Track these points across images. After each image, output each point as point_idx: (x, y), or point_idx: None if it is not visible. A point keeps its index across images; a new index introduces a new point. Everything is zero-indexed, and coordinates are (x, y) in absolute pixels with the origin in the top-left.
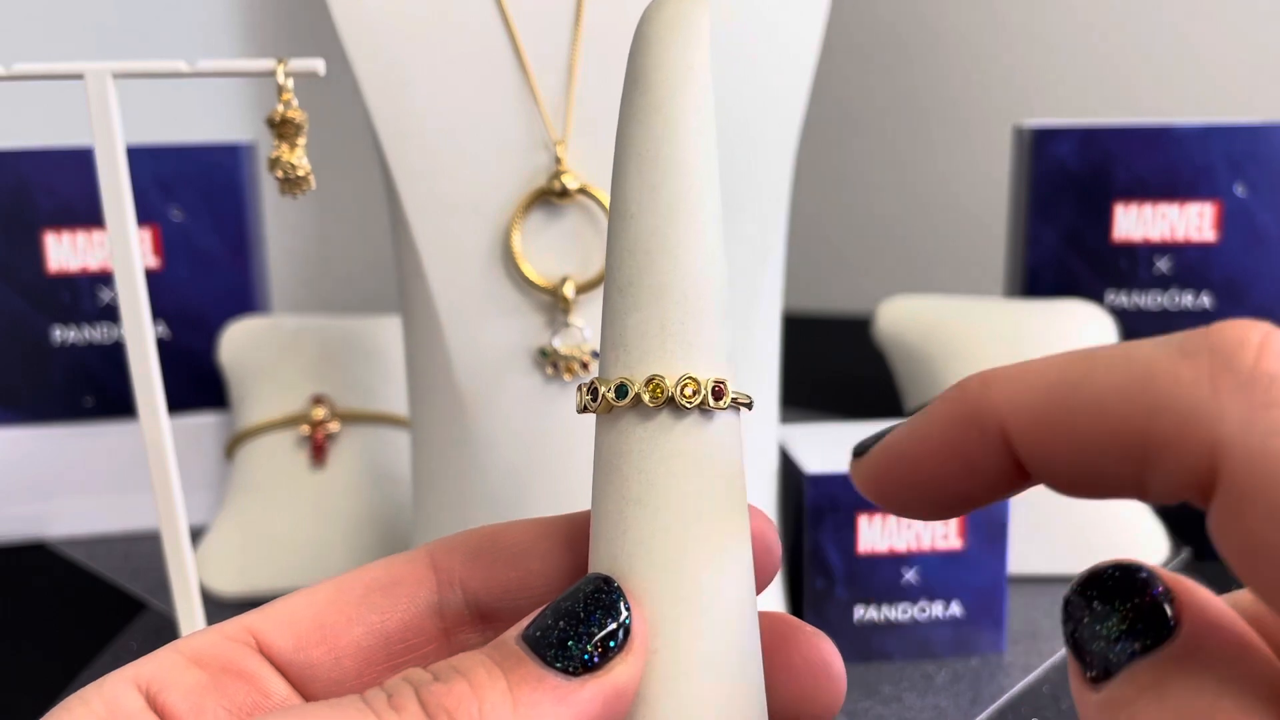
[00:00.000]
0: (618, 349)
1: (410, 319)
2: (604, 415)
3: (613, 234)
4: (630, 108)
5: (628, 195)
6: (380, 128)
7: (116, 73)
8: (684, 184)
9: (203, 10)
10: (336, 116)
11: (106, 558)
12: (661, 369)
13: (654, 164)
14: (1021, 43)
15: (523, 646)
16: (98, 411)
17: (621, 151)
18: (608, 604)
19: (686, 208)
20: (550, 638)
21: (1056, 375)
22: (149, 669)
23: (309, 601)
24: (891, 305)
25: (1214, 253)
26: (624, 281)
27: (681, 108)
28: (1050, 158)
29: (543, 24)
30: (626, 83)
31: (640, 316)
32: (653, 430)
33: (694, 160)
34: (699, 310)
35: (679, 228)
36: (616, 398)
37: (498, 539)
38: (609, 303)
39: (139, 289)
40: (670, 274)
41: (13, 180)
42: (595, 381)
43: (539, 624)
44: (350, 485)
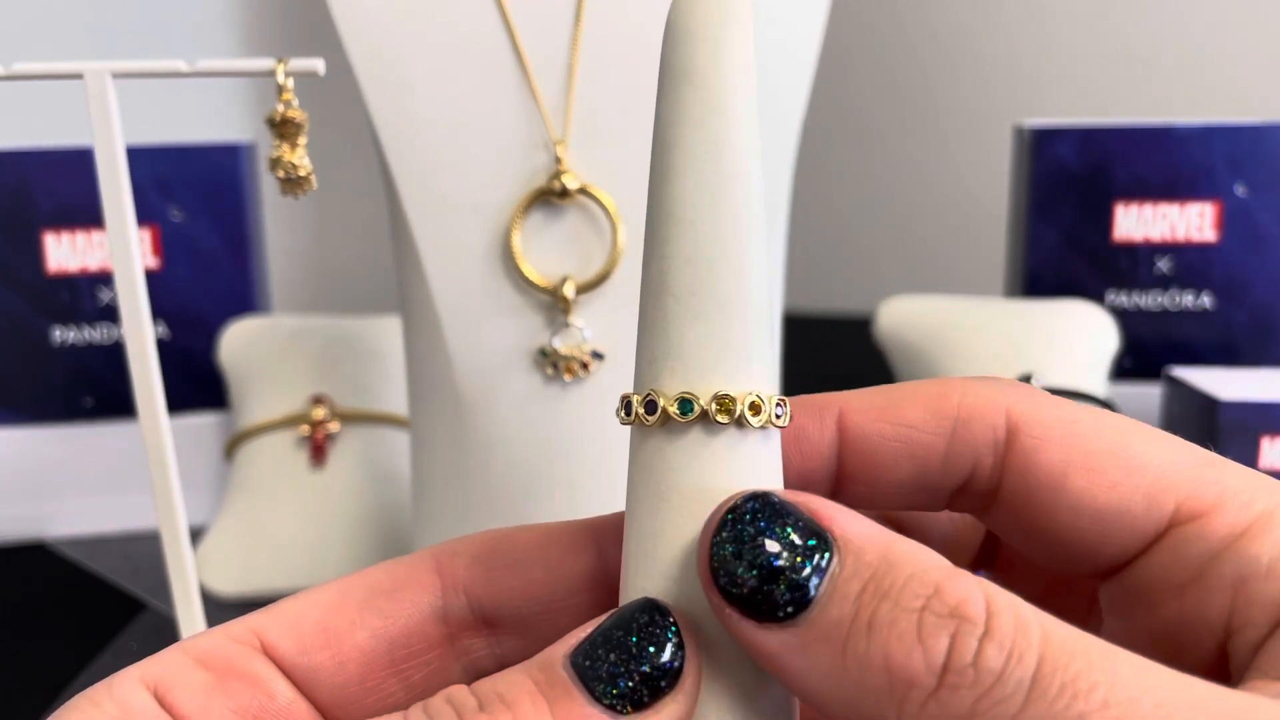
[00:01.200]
0: (673, 360)
1: (410, 319)
2: (653, 429)
3: (662, 238)
4: (680, 106)
5: (682, 199)
6: (380, 127)
7: (116, 72)
8: (746, 192)
9: (202, 10)
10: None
11: (106, 558)
12: (726, 385)
13: (715, 169)
14: (1022, 42)
15: (570, 675)
16: (97, 412)
17: (670, 153)
18: (661, 638)
19: (749, 218)
20: (600, 670)
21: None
22: (157, 669)
23: (313, 604)
24: (892, 305)
25: (1214, 253)
26: (682, 290)
27: (741, 111)
28: (1051, 157)
29: (543, 24)
30: (671, 78)
31: (702, 328)
32: (716, 448)
33: (752, 168)
34: (758, 325)
35: (741, 238)
36: (681, 413)
37: (503, 544)
38: (660, 309)
39: (139, 289)
40: (734, 286)
41: (12, 180)
42: (652, 393)
43: (588, 651)
44: (350, 485)
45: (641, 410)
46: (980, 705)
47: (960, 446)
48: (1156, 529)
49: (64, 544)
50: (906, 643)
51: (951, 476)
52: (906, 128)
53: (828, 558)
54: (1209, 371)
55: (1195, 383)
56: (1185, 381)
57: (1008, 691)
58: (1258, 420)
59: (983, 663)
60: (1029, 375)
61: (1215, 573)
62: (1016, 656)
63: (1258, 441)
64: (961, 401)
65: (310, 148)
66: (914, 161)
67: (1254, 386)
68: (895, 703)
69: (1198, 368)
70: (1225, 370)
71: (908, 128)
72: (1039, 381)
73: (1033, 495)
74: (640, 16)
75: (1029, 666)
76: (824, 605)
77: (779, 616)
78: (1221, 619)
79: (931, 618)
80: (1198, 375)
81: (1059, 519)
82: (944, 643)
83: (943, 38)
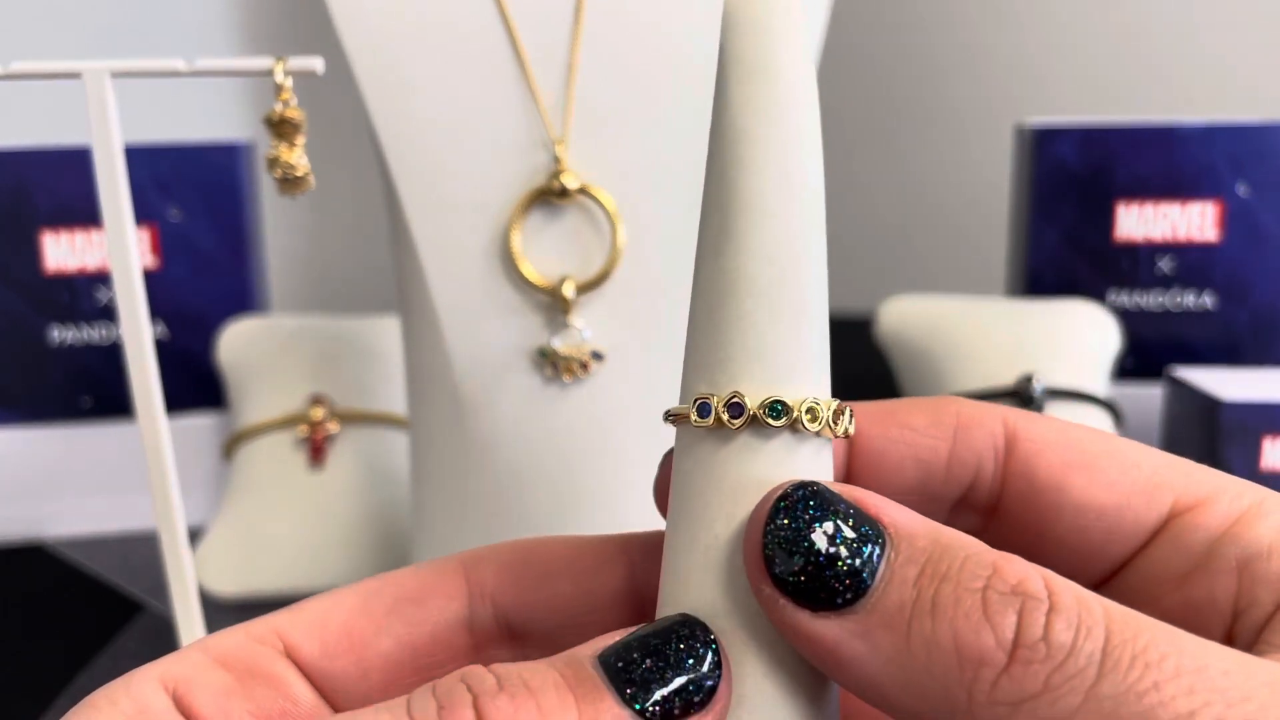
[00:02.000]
0: (755, 362)
1: (409, 319)
2: (734, 432)
3: (737, 232)
4: (754, 98)
5: (763, 192)
6: (379, 127)
7: (114, 72)
8: (819, 190)
9: (201, 9)
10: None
11: (104, 558)
12: (809, 390)
13: (797, 164)
14: (1023, 42)
15: (600, 673)
16: (96, 412)
17: (742, 143)
18: (701, 654)
19: (821, 216)
20: (633, 674)
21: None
22: (176, 668)
23: (338, 607)
24: (893, 305)
25: (1216, 252)
26: (764, 287)
27: (814, 106)
28: (1052, 157)
29: (542, 22)
30: (738, 68)
31: (784, 329)
32: (803, 455)
33: (820, 165)
34: (826, 329)
35: (818, 237)
36: (773, 417)
37: (533, 555)
38: (734, 306)
39: (137, 289)
40: (814, 287)
41: (10, 180)
42: (737, 395)
43: (621, 653)
44: (349, 486)
45: (724, 412)
46: (1054, 679)
47: (963, 451)
48: (1157, 521)
49: (62, 544)
50: (974, 621)
51: (955, 483)
52: (907, 127)
53: (881, 544)
54: (1211, 371)
55: (1197, 383)
56: (1187, 382)
57: (1080, 664)
58: (1259, 420)
59: (1053, 636)
60: (1030, 375)
61: (1218, 556)
62: (1085, 630)
63: (1259, 441)
64: (961, 410)
65: (309, 147)
66: (915, 161)
67: (1256, 386)
68: (965, 683)
69: (1199, 368)
70: (1227, 370)
71: (908, 127)
72: (1040, 381)
73: (1036, 498)
74: (641, 15)
75: (1098, 640)
76: (884, 590)
77: (837, 604)
78: (1228, 602)
79: (995, 596)
80: (1199, 375)
81: (1063, 519)
82: (1012, 619)
83: (943, 37)
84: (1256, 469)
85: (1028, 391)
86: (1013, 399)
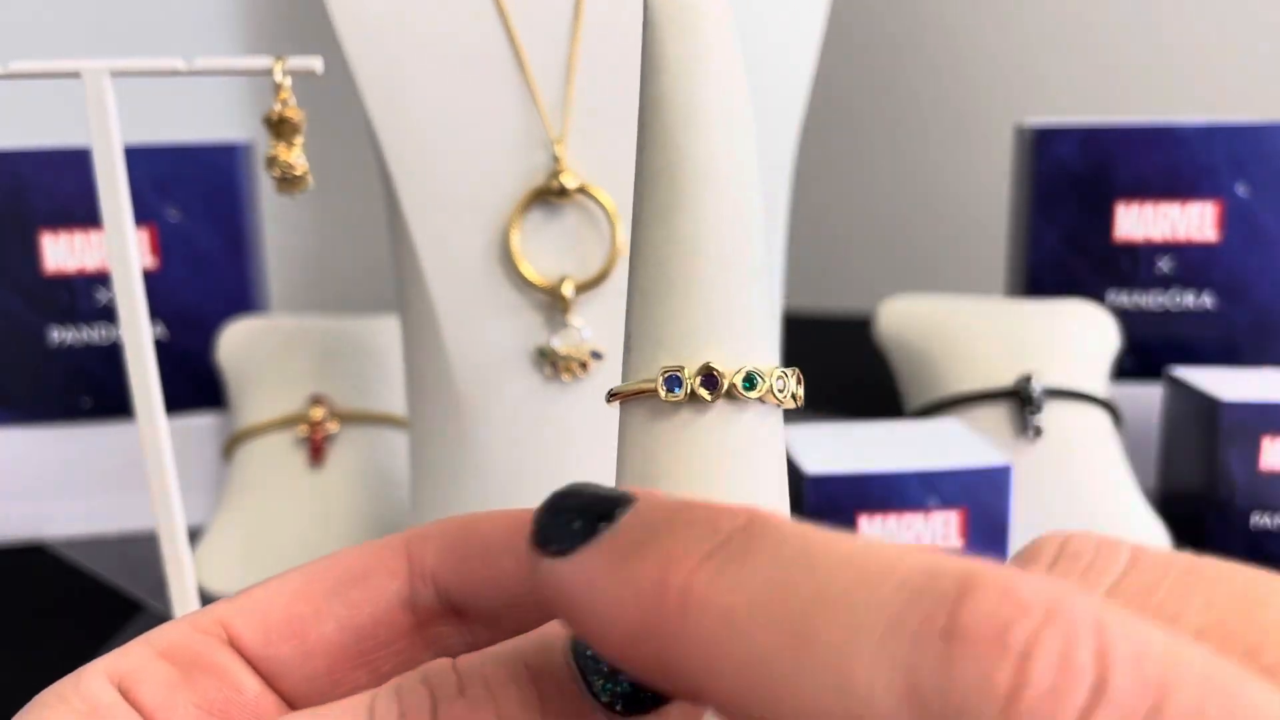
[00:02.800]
0: (720, 330)
1: (408, 319)
2: (705, 404)
3: (693, 197)
4: (700, 57)
5: (717, 155)
6: (378, 126)
7: (113, 71)
8: (753, 150)
9: (200, 9)
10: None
11: (104, 559)
12: (771, 358)
13: (742, 125)
14: (1022, 42)
15: (571, 665)
16: (95, 412)
17: (692, 107)
18: None
19: (757, 176)
20: (602, 663)
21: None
22: (122, 663)
23: (279, 593)
24: (892, 305)
25: (1216, 253)
26: (724, 253)
27: (741, 63)
28: (1051, 157)
29: (541, 22)
30: (679, 28)
31: (746, 295)
32: (772, 424)
33: (752, 124)
34: (774, 292)
35: (759, 199)
36: (747, 388)
37: (473, 531)
38: (692, 271)
39: (136, 289)
40: (761, 252)
41: (9, 180)
42: (709, 367)
43: None
44: (349, 486)
45: (698, 385)
46: None
47: None
48: None
49: (62, 545)
50: None
51: None
52: (907, 127)
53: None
54: (1210, 372)
55: (1196, 383)
56: (1186, 382)
57: None
58: (1259, 420)
59: None
60: (1029, 375)
61: None
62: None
63: (1259, 442)
64: None
65: (309, 147)
66: (914, 161)
67: (1255, 387)
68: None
69: (1199, 368)
70: (1226, 370)
71: (908, 127)
72: (1039, 382)
73: None
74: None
75: None
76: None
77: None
78: None
79: None
80: (1199, 375)
81: None
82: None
83: (943, 37)
84: (1256, 469)
85: (1027, 392)
86: (1012, 399)
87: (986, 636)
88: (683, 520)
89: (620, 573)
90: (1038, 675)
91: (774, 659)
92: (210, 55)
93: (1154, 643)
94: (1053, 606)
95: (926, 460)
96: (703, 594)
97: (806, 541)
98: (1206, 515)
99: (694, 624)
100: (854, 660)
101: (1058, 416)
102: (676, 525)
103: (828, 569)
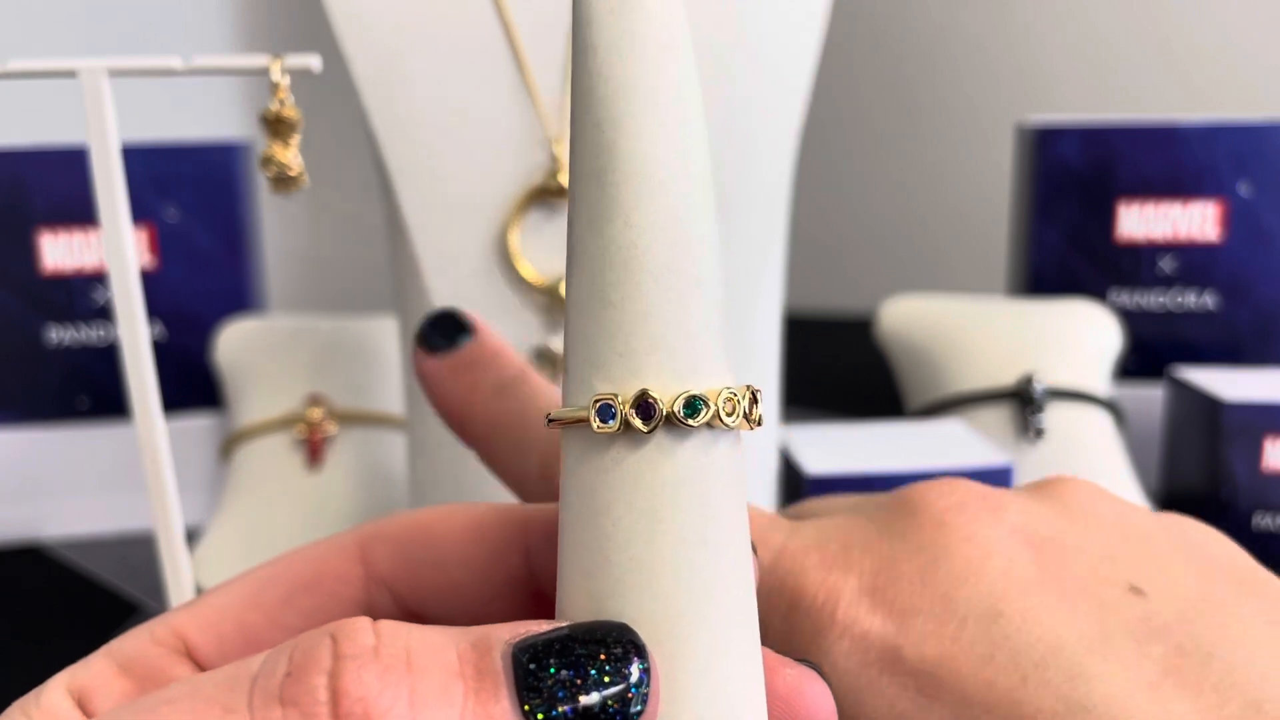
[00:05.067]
0: (661, 351)
1: (407, 319)
2: (641, 434)
3: (626, 202)
4: (636, 41)
5: (654, 155)
6: (376, 125)
7: (111, 70)
8: (703, 142)
9: (198, 8)
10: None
11: (101, 559)
12: (719, 380)
13: (683, 115)
14: (1024, 40)
15: (506, 671)
16: (92, 412)
17: (629, 97)
18: (625, 677)
19: (708, 174)
20: (541, 683)
21: None
22: (82, 675)
23: (231, 601)
24: (893, 305)
25: (1218, 252)
26: (661, 266)
27: (688, 46)
28: (1053, 156)
29: (540, 21)
30: (613, 11)
31: (687, 312)
32: (719, 453)
33: (701, 114)
34: (723, 301)
35: (710, 206)
36: (688, 415)
37: (425, 537)
38: (630, 287)
39: (134, 289)
40: (709, 259)
41: (7, 179)
42: (646, 394)
43: (539, 653)
44: (347, 487)
45: (632, 415)
46: None
47: None
48: None
49: (59, 545)
50: None
51: None
52: (908, 126)
53: None
54: (1212, 371)
55: (1199, 383)
56: (1188, 382)
57: None
58: (1261, 421)
59: None
60: (1031, 375)
61: None
62: None
63: (1261, 442)
64: None
65: (307, 146)
66: (916, 160)
67: (1258, 387)
68: None
69: (1201, 368)
70: (1229, 370)
71: (909, 126)
72: (1041, 382)
73: None
74: None
75: None
76: None
77: None
78: None
79: None
80: (1201, 375)
81: None
82: None
83: (944, 36)
84: (1258, 469)
85: (1028, 392)
86: (1014, 399)
87: None
88: (489, 357)
89: (452, 379)
90: None
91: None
92: (208, 54)
93: None
94: None
95: (928, 460)
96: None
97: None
98: (1208, 516)
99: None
100: None
101: (1059, 417)
102: (483, 361)
103: None
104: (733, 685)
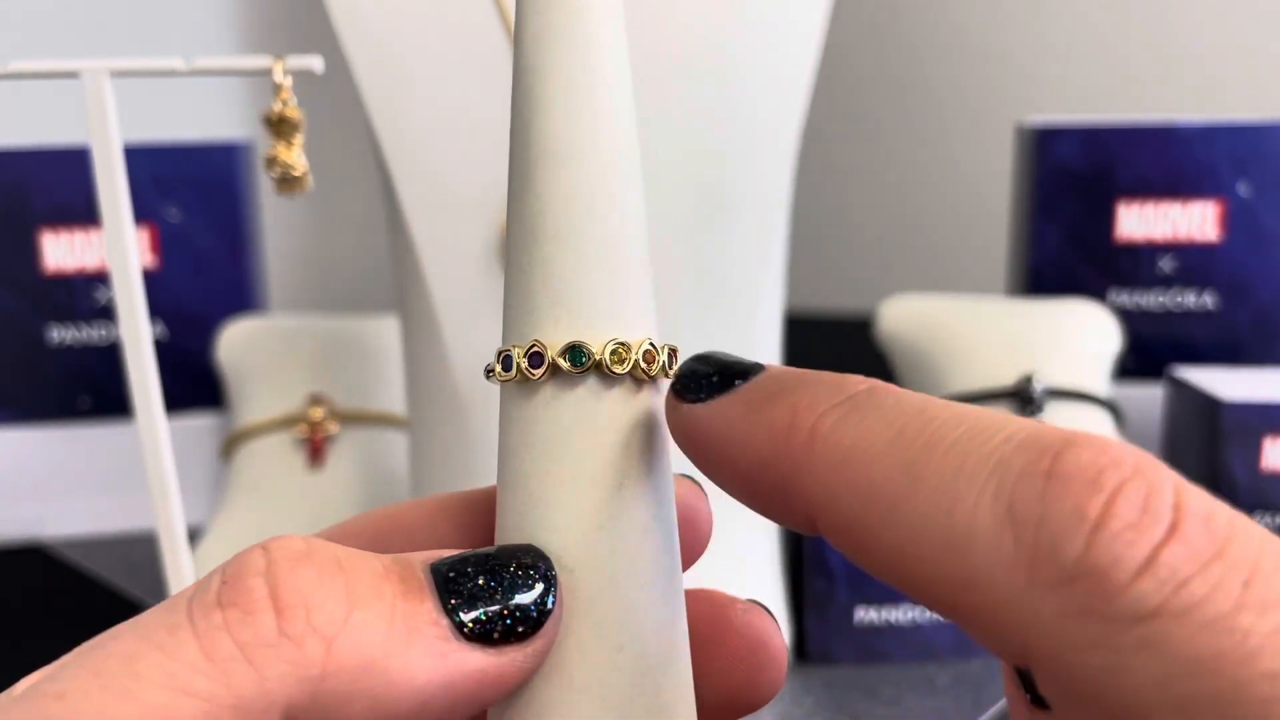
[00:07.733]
0: (558, 307)
1: (408, 319)
2: (538, 383)
3: (535, 175)
4: (547, 27)
5: (557, 132)
6: (378, 126)
7: (113, 71)
8: (625, 126)
9: (200, 8)
10: (334, 115)
11: (103, 559)
12: (618, 333)
13: (594, 97)
14: (1024, 41)
15: (428, 578)
16: (94, 412)
17: (538, 79)
18: (534, 584)
19: (630, 154)
20: (462, 587)
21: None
22: None
23: None
24: (893, 305)
25: (1218, 252)
26: (563, 230)
27: (612, 34)
28: (1053, 156)
29: None
30: (533, 2)
31: (588, 272)
32: (610, 401)
33: (628, 100)
34: (643, 271)
35: (623, 175)
36: (573, 364)
37: (398, 522)
38: (536, 251)
39: (136, 289)
40: (619, 226)
41: (9, 179)
42: (536, 344)
43: (455, 565)
44: (348, 486)
45: (525, 363)
46: None
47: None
48: None
49: (60, 545)
50: None
51: None
52: (908, 126)
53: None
54: (1212, 371)
55: (1198, 383)
56: (1188, 382)
57: None
58: (1260, 421)
59: None
60: (1030, 375)
61: None
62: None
63: (1260, 442)
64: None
65: (308, 147)
66: (916, 160)
67: (1257, 387)
68: None
69: (1200, 368)
70: (1228, 370)
71: (909, 126)
72: (1040, 382)
73: None
74: (638, 13)
75: None
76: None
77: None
78: None
79: None
80: (1200, 375)
81: None
82: None
83: (944, 36)
84: (1257, 469)
85: (1028, 392)
86: (1013, 399)
87: (1082, 478)
88: (812, 379)
89: (754, 415)
90: (1123, 510)
91: (887, 489)
92: (210, 55)
93: (1221, 510)
94: (1141, 465)
95: None
96: (828, 433)
97: (925, 401)
98: None
99: (818, 456)
100: (961, 492)
101: (1059, 416)
102: (807, 381)
103: (942, 421)
104: (640, 612)
